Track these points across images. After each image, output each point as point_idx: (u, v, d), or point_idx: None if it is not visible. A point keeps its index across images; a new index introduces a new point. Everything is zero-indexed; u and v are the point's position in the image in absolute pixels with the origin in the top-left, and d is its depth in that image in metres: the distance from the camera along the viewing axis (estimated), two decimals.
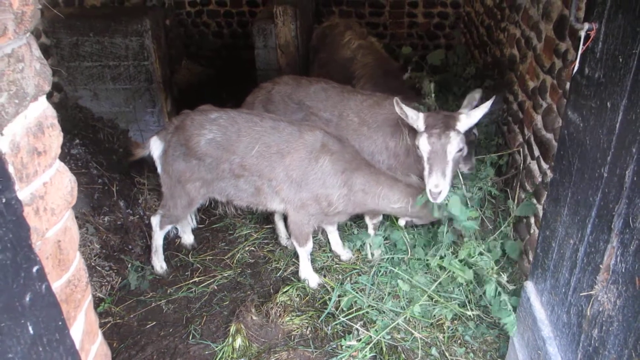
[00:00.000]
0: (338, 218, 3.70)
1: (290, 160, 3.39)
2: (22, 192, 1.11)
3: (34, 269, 1.06)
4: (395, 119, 3.67)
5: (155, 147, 3.69)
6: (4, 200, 0.97)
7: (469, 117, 3.20)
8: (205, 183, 3.62)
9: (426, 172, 3.20)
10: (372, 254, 3.94)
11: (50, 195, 1.23)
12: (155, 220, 3.91)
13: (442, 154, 3.15)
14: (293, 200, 3.49)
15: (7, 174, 1.01)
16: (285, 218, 3.88)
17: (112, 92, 5.09)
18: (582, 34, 1.98)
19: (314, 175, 3.39)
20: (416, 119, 3.21)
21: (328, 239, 4.10)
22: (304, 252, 3.71)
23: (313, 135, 3.42)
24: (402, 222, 3.86)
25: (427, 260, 3.69)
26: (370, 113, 3.77)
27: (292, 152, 3.39)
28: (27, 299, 1.03)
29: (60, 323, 1.16)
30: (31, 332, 1.04)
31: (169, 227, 3.94)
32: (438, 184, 3.12)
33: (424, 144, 3.19)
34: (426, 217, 3.55)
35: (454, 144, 3.14)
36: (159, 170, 3.75)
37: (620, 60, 1.74)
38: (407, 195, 3.43)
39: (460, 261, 3.50)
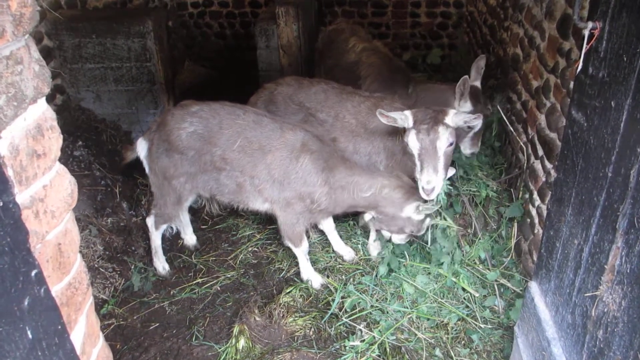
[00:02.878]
0: (322, 216, 3.70)
1: (272, 159, 3.39)
2: (22, 195, 1.10)
3: (33, 273, 1.06)
4: None
5: (141, 148, 3.70)
6: (1, 204, 0.96)
7: (458, 115, 3.18)
8: (189, 177, 3.62)
9: (418, 169, 3.19)
10: (374, 252, 3.94)
11: (50, 198, 1.22)
12: (149, 221, 3.91)
13: (432, 149, 3.13)
14: (278, 200, 3.49)
15: (4, 177, 1.00)
16: None
17: (115, 94, 5.10)
18: (586, 33, 1.96)
19: (296, 174, 3.39)
20: (405, 118, 3.19)
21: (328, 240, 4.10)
22: (301, 253, 3.70)
23: (294, 134, 3.42)
24: (367, 217, 3.79)
25: (430, 268, 3.70)
26: (367, 115, 3.77)
27: (274, 151, 3.39)
28: (26, 303, 1.03)
29: (59, 327, 1.15)
30: (30, 336, 1.04)
31: (164, 227, 3.94)
32: (430, 180, 3.13)
33: (412, 141, 3.17)
34: (391, 217, 3.53)
35: (444, 139, 3.12)
36: (147, 170, 3.75)
37: (625, 59, 1.72)
38: (378, 183, 3.40)
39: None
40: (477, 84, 3.93)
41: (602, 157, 1.88)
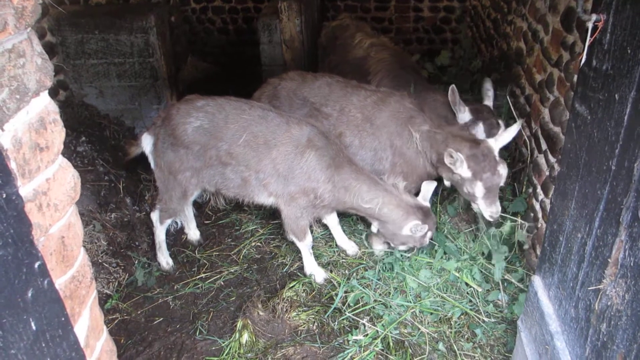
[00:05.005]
0: (325, 211, 3.71)
1: (277, 154, 3.40)
2: (25, 188, 1.10)
3: (36, 265, 1.06)
4: (402, 117, 3.67)
5: (146, 143, 3.70)
6: (4, 196, 0.96)
7: (498, 142, 3.35)
8: (195, 172, 3.62)
9: (482, 205, 3.37)
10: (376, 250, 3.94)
11: (53, 191, 1.23)
12: (154, 216, 3.92)
13: (496, 187, 3.34)
14: (283, 194, 3.50)
15: (7, 169, 1.00)
16: None
17: (118, 90, 5.10)
18: (590, 25, 1.95)
19: (300, 169, 3.40)
20: (460, 164, 3.27)
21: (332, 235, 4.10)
22: (305, 247, 3.70)
23: (300, 129, 3.42)
24: (374, 229, 3.75)
25: (433, 262, 3.70)
26: (374, 110, 3.75)
27: (279, 146, 3.39)
28: (29, 294, 1.03)
29: (63, 319, 1.15)
30: (34, 328, 1.04)
31: (168, 222, 3.95)
32: (498, 210, 3.36)
33: (479, 190, 3.32)
34: (392, 234, 3.54)
35: (504, 176, 3.33)
36: (152, 165, 3.75)
37: (629, 51, 1.71)
38: (379, 199, 3.42)
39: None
40: (488, 103, 3.98)
41: (605, 151, 1.87)
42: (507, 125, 4.16)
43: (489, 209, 3.36)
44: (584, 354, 2.06)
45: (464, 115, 3.86)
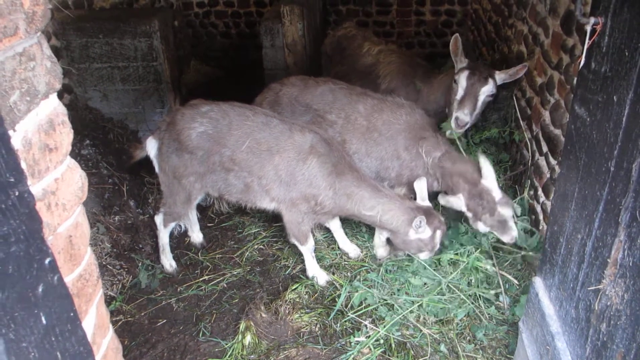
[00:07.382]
0: (326, 218, 3.73)
1: (279, 160, 3.41)
2: (34, 188, 1.13)
3: (46, 261, 1.09)
4: (412, 134, 3.68)
5: (150, 147, 3.72)
6: (17, 194, 0.99)
7: (489, 180, 3.37)
8: (198, 177, 3.64)
9: (497, 233, 3.43)
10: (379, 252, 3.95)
11: (62, 190, 1.25)
12: (158, 219, 3.95)
13: (502, 224, 3.38)
14: (284, 200, 3.52)
15: (19, 168, 1.03)
16: None
17: (122, 93, 5.14)
18: (588, 28, 1.97)
19: (302, 175, 3.41)
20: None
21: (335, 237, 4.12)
22: (307, 251, 3.72)
23: (302, 136, 3.43)
24: (381, 237, 3.75)
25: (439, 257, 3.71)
26: (382, 120, 3.75)
27: (281, 152, 3.41)
28: (40, 289, 1.06)
29: (72, 314, 1.18)
30: (44, 322, 1.07)
31: (172, 225, 3.97)
32: (513, 237, 3.39)
33: (482, 228, 3.41)
34: (402, 242, 3.53)
35: (508, 215, 3.36)
36: (157, 169, 3.78)
37: (627, 54, 1.74)
38: (379, 207, 3.41)
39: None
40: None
41: (604, 152, 1.90)
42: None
43: (504, 238, 3.43)
44: (584, 354, 2.07)
45: (462, 64, 4.07)
